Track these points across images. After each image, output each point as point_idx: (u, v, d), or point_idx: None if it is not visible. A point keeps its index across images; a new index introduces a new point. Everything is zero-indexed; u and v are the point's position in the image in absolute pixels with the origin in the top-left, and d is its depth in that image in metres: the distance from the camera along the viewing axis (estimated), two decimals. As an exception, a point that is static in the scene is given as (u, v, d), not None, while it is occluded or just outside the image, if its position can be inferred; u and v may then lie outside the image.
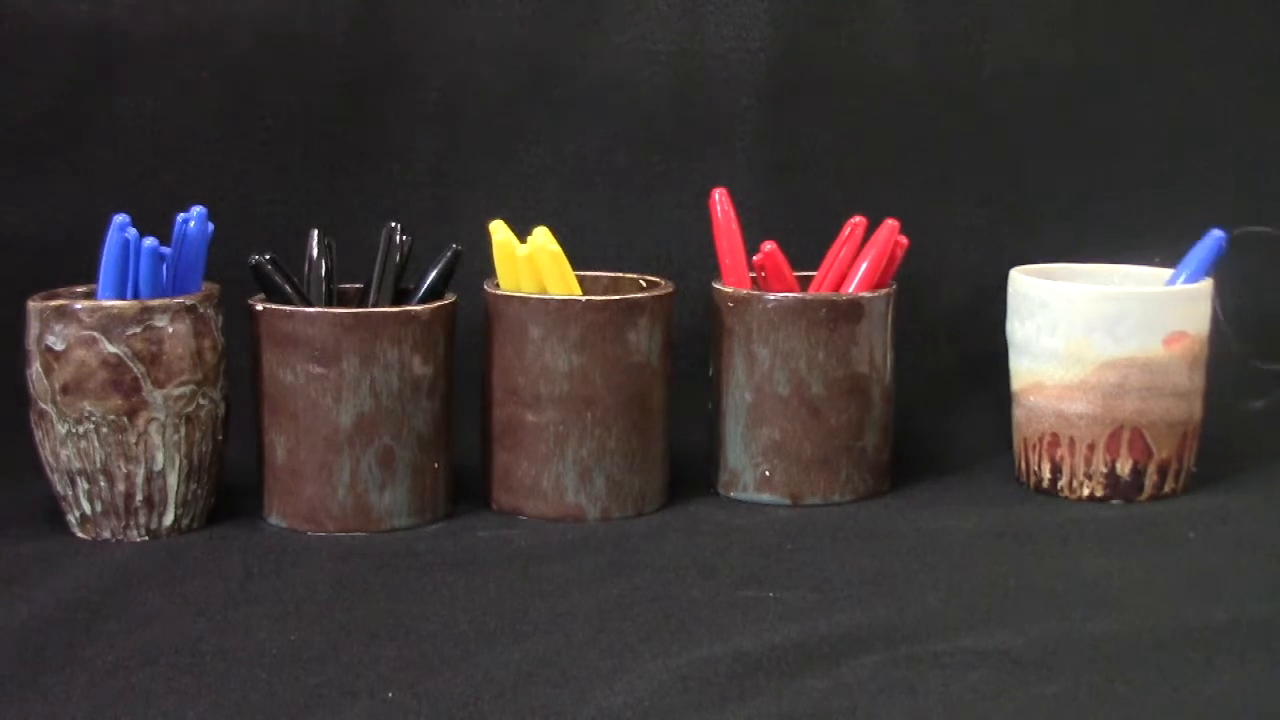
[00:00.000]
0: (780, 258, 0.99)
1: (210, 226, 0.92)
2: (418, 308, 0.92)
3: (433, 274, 0.95)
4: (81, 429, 0.88)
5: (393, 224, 0.96)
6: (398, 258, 0.96)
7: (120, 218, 0.89)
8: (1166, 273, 1.02)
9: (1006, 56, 1.18)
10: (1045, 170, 1.18)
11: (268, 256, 0.94)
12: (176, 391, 0.89)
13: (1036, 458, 1.00)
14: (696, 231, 1.13)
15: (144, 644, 0.76)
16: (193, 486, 0.91)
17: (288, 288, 0.94)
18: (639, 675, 0.72)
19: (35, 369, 0.89)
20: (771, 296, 0.97)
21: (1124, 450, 0.97)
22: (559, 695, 0.70)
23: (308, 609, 0.80)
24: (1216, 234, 0.99)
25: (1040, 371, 0.98)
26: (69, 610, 0.80)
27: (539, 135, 1.16)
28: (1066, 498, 0.99)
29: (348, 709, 0.69)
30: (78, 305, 0.88)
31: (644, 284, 1.00)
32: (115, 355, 0.88)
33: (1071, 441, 0.98)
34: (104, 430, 0.88)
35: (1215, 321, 0.95)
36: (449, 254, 0.96)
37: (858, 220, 1.00)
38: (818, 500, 0.98)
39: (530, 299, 0.93)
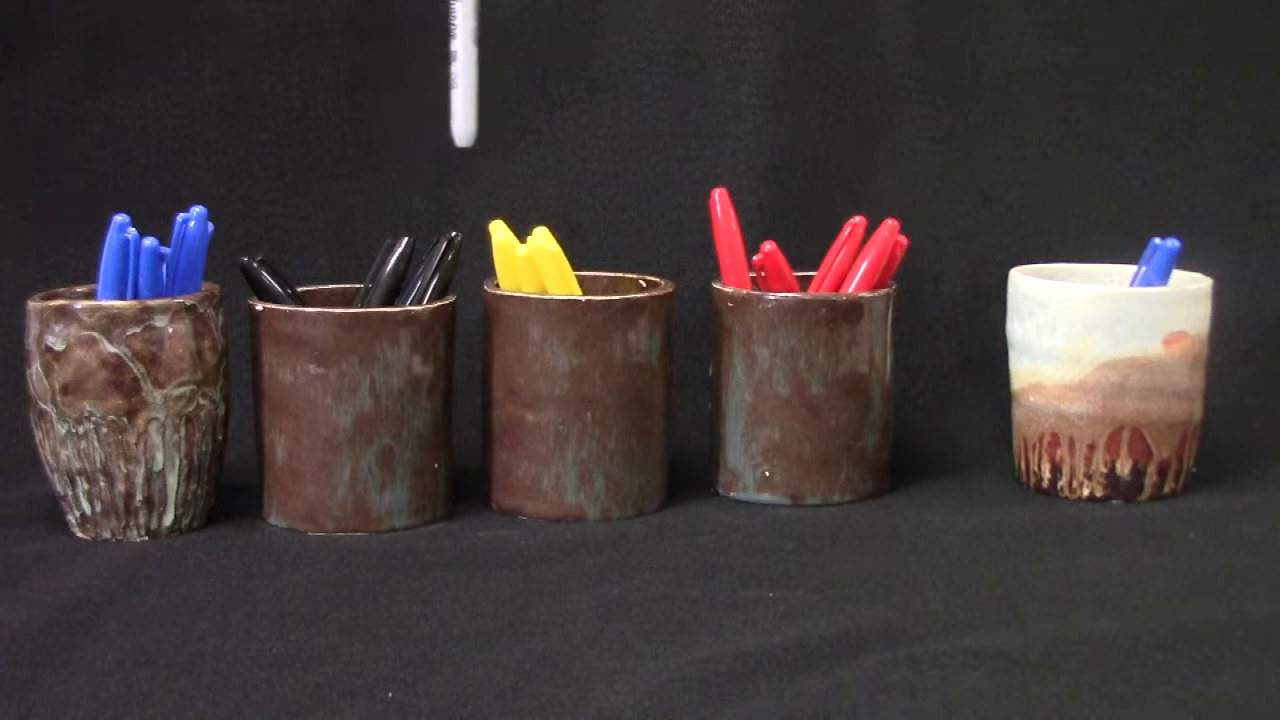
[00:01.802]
0: (780, 258, 0.99)
1: (210, 226, 0.92)
2: (418, 308, 0.92)
3: (433, 267, 0.95)
4: (81, 429, 0.88)
5: (395, 239, 0.96)
6: (403, 267, 0.96)
7: (120, 218, 0.89)
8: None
9: (1006, 56, 1.18)
10: (1045, 170, 1.18)
11: (258, 258, 0.94)
12: (176, 391, 0.89)
13: (1036, 458, 1.00)
14: (696, 231, 1.13)
15: (144, 644, 0.76)
16: (193, 486, 0.91)
17: (279, 288, 0.94)
18: (639, 675, 0.72)
19: (35, 369, 0.89)
20: (771, 296, 0.97)
21: (1124, 450, 0.97)
22: (559, 695, 0.70)
23: (308, 609, 0.80)
24: (1171, 243, 0.99)
25: (1040, 371, 0.98)
26: (69, 610, 0.80)
27: (539, 135, 1.16)
28: (1066, 498, 0.99)
29: (348, 709, 0.69)
30: (78, 305, 0.88)
31: (644, 284, 1.00)
32: (115, 355, 0.88)
33: (1071, 441, 0.98)
34: (104, 430, 0.88)
35: None
36: (444, 243, 0.95)
37: (858, 220, 1.00)
38: (818, 500, 0.98)
39: (530, 299, 0.94)
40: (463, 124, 0.94)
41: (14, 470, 1.01)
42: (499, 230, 0.96)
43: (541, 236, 0.96)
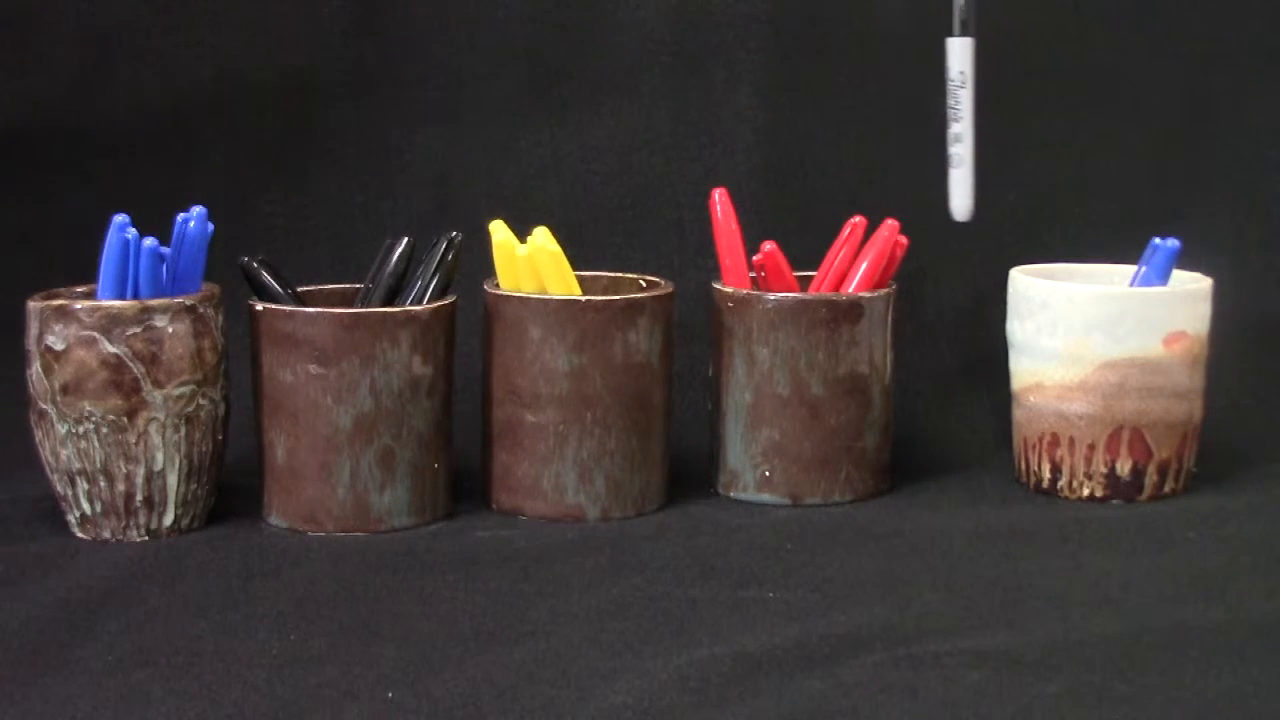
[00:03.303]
0: (780, 258, 0.99)
1: (210, 226, 0.92)
2: (418, 308, 0.92)
3: (433, 267, 0.95)
4: (81, 429, 0.88)
5: (395, 239, 0.96)
6: (403, 267, 0.96)
7: (120, 218, 0.89)
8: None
9: (1006, 56, 1.17)
10: (1045, 170, 1.18)
11: (258, 258, 0.94)
12: (176, 391, 0.89)
13: (1036, 458, 1.00)
14: (696, 231, 1.13)
15: (144, 644, 0.76)
16: (193, 486, 0.91)
17: (279, 288, 0.94)
18: (639, 675, 0.72)
19: (35, 369, 0.89)
20: (771, 296, 0.97)
21: (1124, 450, 0.97)
22: (559, 695, 0.70)
23: (308, 609, 0.80)
24: (1171, 243, 0.99)
25: (1040, 371, 0.98)
26: (69, 610, 0.80)
27: (539, 135, 1.16)
28: (1066, 498, 0.99)
29: (348, 709, 0.69)
30: (78, 305, 0.88)
31: (644, 284, 1.00)
32: (115, 355, 0.88)
33: (1071, 441, 0.98)
34: (104, 430, 0.88)
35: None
36: (444, 243, 0.95)
37: (858, 220, 1.00)
38: (818, 500, 0.98)
39: (530, 299, 0.94)
40: (961, 202, 0.99)
41: (14, 470, 1.01)
42: (499, 230, 0.96)
43: (541, 236, 0.96)
